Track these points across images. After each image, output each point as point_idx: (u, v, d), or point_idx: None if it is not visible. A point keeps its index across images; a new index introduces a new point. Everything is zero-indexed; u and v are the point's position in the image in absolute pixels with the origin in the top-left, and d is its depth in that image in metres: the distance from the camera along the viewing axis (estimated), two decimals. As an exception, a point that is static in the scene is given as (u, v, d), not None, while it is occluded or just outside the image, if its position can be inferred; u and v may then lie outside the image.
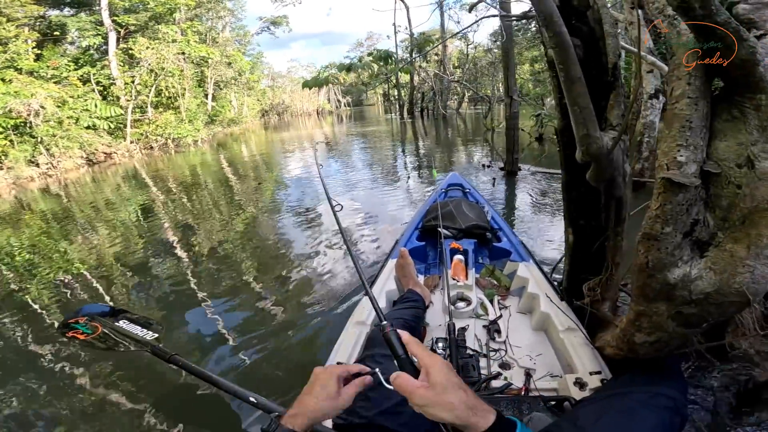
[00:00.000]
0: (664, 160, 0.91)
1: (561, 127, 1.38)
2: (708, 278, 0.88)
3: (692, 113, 0.87)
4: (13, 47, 12.75)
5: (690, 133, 0.87)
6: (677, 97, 0.88)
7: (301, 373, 2.11)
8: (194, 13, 20.81)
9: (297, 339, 2.43)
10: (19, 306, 3.24)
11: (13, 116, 10.71)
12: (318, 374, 0.77)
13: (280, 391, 1.95)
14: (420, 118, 20.49)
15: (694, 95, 0.86)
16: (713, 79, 0.93)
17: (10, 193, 9.26)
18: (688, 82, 0.87)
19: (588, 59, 1.17)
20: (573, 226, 1.70)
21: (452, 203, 2.72)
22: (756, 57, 0.81)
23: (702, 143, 0.89)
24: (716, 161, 0.90)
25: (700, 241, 0.93)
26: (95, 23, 15.61)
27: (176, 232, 4.93)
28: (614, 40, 1.15)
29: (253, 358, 2.26)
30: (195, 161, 12.35)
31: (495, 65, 14.52)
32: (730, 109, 0.89)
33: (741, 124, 0.86)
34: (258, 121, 31.99)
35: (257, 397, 1.29)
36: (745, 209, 0.85)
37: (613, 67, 1.16)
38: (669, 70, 0.93)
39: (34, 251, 4.69)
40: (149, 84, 15.59)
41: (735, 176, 0.87)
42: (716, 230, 0.92)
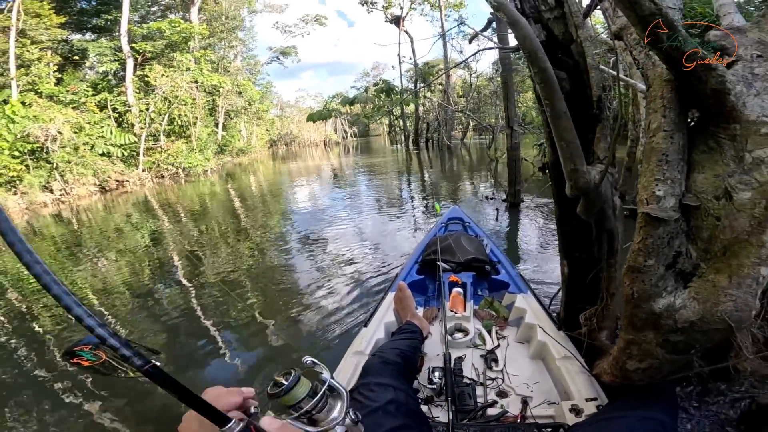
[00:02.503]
0: (643, 195, 0.94)
1: (552, 162, 1.42)
2: (692, 307, 0.89)
3: (668, 146, 0.90)
4: (35, 70, 13.34)
5: (667, 166, 0.90)
6: (654, 131, 0.92)
7: None
8: (208, 42, 21.81)
9: (295, 364, 2.42)
10: (25, 331, 3.31)
11: (31, 141, 11.05)
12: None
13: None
14: (425, 149, 20.84)
15: (669, 128, 0.90)
16: (689, 110, 0.97)
17: (23, 218, 9.45)
18: (663, 114, 0.91)
19: (574, 92, 1.23)
20: (568, 259, 1.72)
21: (452, 237, 2.79)
22: (726, 86, 0.84)
23: (680, 176, 0.91)
24: (695, 194, 0.92)
25: (683, 272, 0.95)
26: (114, 49, 16.39)
27: (183, 262, 4.99)
28: (597, 73, 1.20)
29: (251, 384, 2.24)
30: (204, 191, 12.58)
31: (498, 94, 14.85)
32: (706, 140, 0.92)
33: (717, 156, 0.89)
34: (266, 151, 32.71)
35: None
36: (725, 240, 0.87)
37: (597, 99, 1.20)
38: (646, 102, 0.98)
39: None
40: (163, 112, 16.13)
41: (714, 208, 0.89)
42: (699, 261, 0.94)
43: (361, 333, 1.89)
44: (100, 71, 16.54)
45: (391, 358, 1.60)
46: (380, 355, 1.58)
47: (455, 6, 20.15)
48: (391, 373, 1.32)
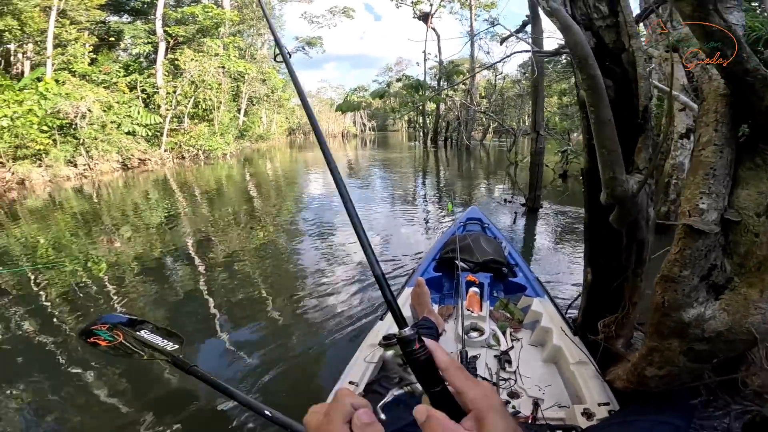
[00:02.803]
0: (686, 207, 0.95)
1: (587, 168, 1.42)
2: (721, 318, 0.91)
3: (717, 161, 0.90)
4: (71, 50, 13.70)
5: (713, 180, 0.91)
6: (704, 144, 0.92)
7: (313, 390, 2.16)
8: (237, 29, 22.01)
9: (310, 356, 2.49)
10: (40, 306, 3.34)
11: (61, 117, 11.37)
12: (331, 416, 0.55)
13: (293, 405, 1.99)
14: (443, 148, 20.74)
15: (720, 142, 0.90)
16: (740, 125, 0.97)
17: (45, 190, 9.73)
18: (715, 128, 0.91)
19: (619, 101, 1.23)
20: (592, 266, 1.73)
21: (471, 237, 2.80)
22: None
23: (724, 191, 0.92)
24: (737, 209, 0.93)
25: (716, 284, 0.96)
26: (148, 32, 16.75)
27: (198, 243, 5.09)
28: (646, 83, 1.20)
29: (267, 372, 2.30)
30: (222, 174, 12.78)
31: (522, 97, 14.66)
32: (753, 157, 0.93)
33: (763, 173, 0.90)
34: (285, 139, 32.96)
35: (273, 411, 1.32)
36: (761, 256, 0.88)
37: (644, 109, 1.20)
38: (698, 115, 0.98)
39: (59, 249, 4.90)
40: (189, 95, 16.42)
41: (754, 225, 0.90)
42: (732, 275, 0.95)
43: (376, 326, 1.92)
44: (133, 53, 16.90)
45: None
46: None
47: (486, 6, 19.90)
48: None
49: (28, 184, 10.16)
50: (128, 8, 17.99)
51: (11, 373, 2.45)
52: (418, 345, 0.48)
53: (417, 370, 0.48)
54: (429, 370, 0.47)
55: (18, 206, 7.96)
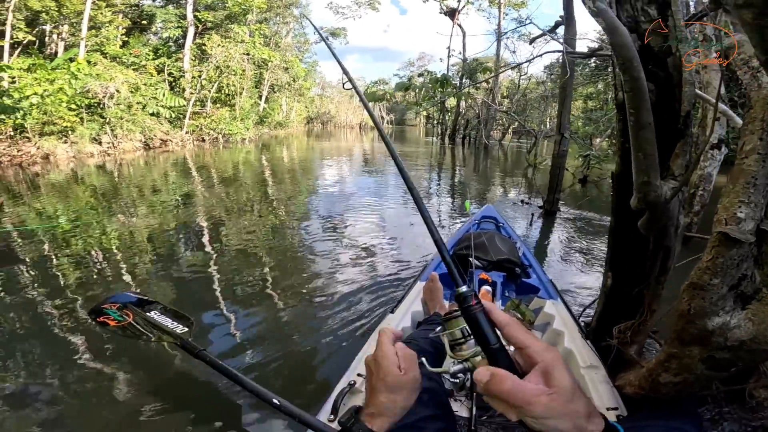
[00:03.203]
0: (723, 215, 0.94)
1: (618, 172, 1.41)
2: (746, 328, 0.91)
3: (759, 170, 0.89)
4: (105, 32, 14.03)
5: (753, 190, 0.90)
6: (747, 152, 0.91)
7: (320, 381, 2.19)
8: (264, 17, 22.13)
9: (318, 346, 2.50)
10: (51, 282, 3.35)
11: (90, 96, 11.68)
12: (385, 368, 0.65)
13: (300, 394, 2.03)
14: (461, 146, 20.58)
15: (764, 151, 0.89)
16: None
17: (68, 165, 10.01)
18: (760, 137, 0.90)
19: (660, 105, 1.21)
20: (613, 270, 1.72)
21: (485, 235, 2.79)
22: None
23: (763, 201, 0.91)
24: (775, 220, 0.92)
25: (743, 294, 0.96)
26: (179, 17, 17.05)
27: (211, 225, 5.17)
28: (691, 89, 1.18)
29: (274, 360, 2.33)
30: (239, 158, 12.94)
31: (546, 99, 14.42)
32: (796, 171, 0.91)
33: (805, 186, 0.88)
34: (303, 127, 33.16)
35: (280, 399, 1.34)
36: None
37: (685, 115, 1.19)
38: (743, 123, 0.97)
39: (76, 224, 5.02)
40: (213, 80, 16.66)
41: (789, 236, 0.89)
42: (761, 286, 0.95)
43: (386, 319, 1.92)
44: (163, 37, 17.19)
45: (425, 346, 1.65)
46: (414, 343, 1.64)
47: (516, 5, 19.54)
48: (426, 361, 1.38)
49: (53, 159, 10.46)
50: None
51: (14, 343, 2.49)
52: (475, 301, 0.51)
53: (474, 327, 0.50)
54: (486, 326, 0.50)
55: (40, 179, 8.22)
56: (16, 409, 1.94)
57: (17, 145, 10.04)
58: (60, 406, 1.98)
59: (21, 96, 9.83)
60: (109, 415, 1.92)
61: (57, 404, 1.99)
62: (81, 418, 1.92)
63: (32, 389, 2.07)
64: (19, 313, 2.86)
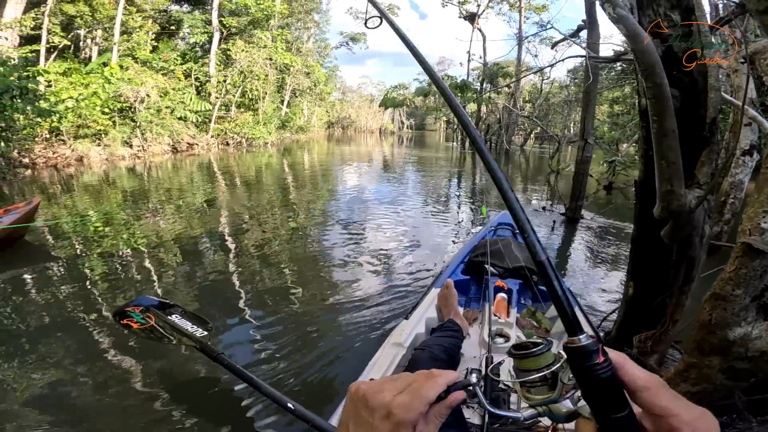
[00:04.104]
0: (747, 225, 0.91)
1: (642, 179, 1.37)
2: (767, 338, 0.87)
3: (788, 181, 0.86)
4: (136, 37, 14.64)
5: (783, 200, 0.86)
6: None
7: (333, 385, 2.20)
8: (285, 22, 22.63)
9: (332, 351, 2.51)
10: (80, 281, 3.49)
11: (122, 100, 12.17)
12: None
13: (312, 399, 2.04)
14: (481, 150, 20.31)
15: (792, 161, 0.86)
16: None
17: (101, 168, 10.42)
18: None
19: (684, 111, 1.17)
20: (635, 280, 1.69)
21: (501, 242, 2.76)
22: None
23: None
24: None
25: (766, 305, 0.93)
26: (205, 22, 17.63)
27: (233, 228, 5.29)
28: (717, 94, 1.14)
29: (288, 364, 2.35)
30: (262, 162, 13.20)
31: (570, 104, 14.12)
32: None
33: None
34: (323, 132, 33.53)
35: (295, 404, 1.35)
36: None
37: (711, 122, 1.15)
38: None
39: (106, 224, 5.23)
40: (237, 84, 17.12)
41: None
42: (785, 297, 0.90)
43: (400, 325, 1.92)
44: (190, 42, 17.82)
45: (438, 354, 1.64)
46: (428, 350, 1.63)
47: (537, 9, 19.29)
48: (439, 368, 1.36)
49: (86, 161, 10.93)
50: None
51: (40, 338, 2.60)
52: (603, 358, 0.37)
53: (592, 391, 0.37)
54: (612, 390, 0.37)
55: (75, 181, 8.61)
56: (40, 402, 2.03)
57: (53, 148, 10.54)
58: (78, 400, 2.05)
59: (57, 99, 10.28)
60: (127, 413, 1.98)
61: (76, 399, 2.06)
62: (99, 415, 1.98)
63: (55, 385, 2.16)
64: (49, 310, 2.99)
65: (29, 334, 2.68)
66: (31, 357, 2.40)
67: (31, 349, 2.50)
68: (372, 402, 0.38)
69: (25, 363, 2.34)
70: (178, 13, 17.82)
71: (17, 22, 11.25)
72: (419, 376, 0.41)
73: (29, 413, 1.95)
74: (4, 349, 2.48)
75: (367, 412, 0.38)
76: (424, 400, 0.38)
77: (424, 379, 0.40)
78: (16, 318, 2.87)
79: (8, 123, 7.96)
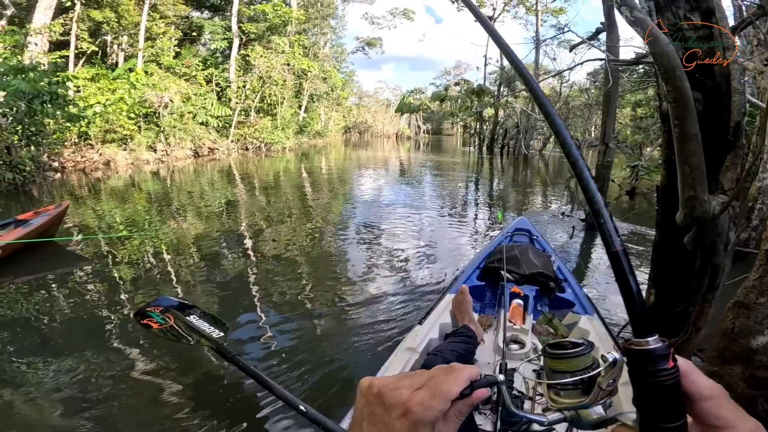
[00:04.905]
0: (774, 232, 0.87)
1: (664, 185, 1.34)
2: None
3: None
4: (160, 43, 15.14)
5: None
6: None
7: (345, 388, 2.21)
8: (302, 28, 23.01)
9: (345, 354, 2.54)
10: (104, 281, 3.61)
11: (146, 106, 12.58)
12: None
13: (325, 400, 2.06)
14: (499, 156, 20.17)
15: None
16: None
17: (127, 172, 10.79)
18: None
19: (707, 115, 1.14)
20: (657, 287, 1.64)
21: (518, 248, 2.74)
22: None
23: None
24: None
25: None
26: (225, 28, 18.11)
27: (251, 232, 5.39)
28: (741, 97, 1.11)
29: (301, 367, 2.38)
30: (280, 167, 13.41)
31: (590, 107, 13.86)
32: None
33: None
34: (340, 137, 33.84)
35: (307, 407, 1.37)
36: None
37: (735, 126, 1.11)
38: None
39: (130, 225, 5.41)
40: (256, 90, 17.47)
41: None
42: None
43: (414, 330, 1.92)
44: (211, 48, 18.33)
45: (451, 359, 1.62)
46: (441, 355, 1.62)
47: (555, 12, 19.05)
48: None
49: (113, 165, 11.33)
50: (208, 4, 19.54)
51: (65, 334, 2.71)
52: (673, 363, 0.35)
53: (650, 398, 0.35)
54: (672, 398, 0.34)
55: (102, 184, 8.93)
56: (61, 396, 2.12)
57: (81, 152, 10.97)
58: (97, 395, 2.13)
59: (86, 105, 10.69)
60: (142, 409, 2.05)
61: (94, 394, 2.14)
62: (116, 409, 2.05)
63: (75, 380, 2.24)
64: (74, 308, 3.12)
65: (55, 329, 2.80)
66: (56, 352, 2.50)
67: (56, 344, 2.61)
68: (388, 399, 0.35)
69: (51, 357, 2.43)
70: (199, 20, 18.37)
71: (46, 27, 11.62)
72: (439, 371, 0.37)
73: (52, 405, 2.04)
74: (30, 345, 2.59)
75: (383, 409, 0.35)
76: (446, 396, 0.35)
77: (445, 373, 0.37)
78: (43, 315, 2.99)
79: (39, 128, 8.31)
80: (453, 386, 0.35)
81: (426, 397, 0.34)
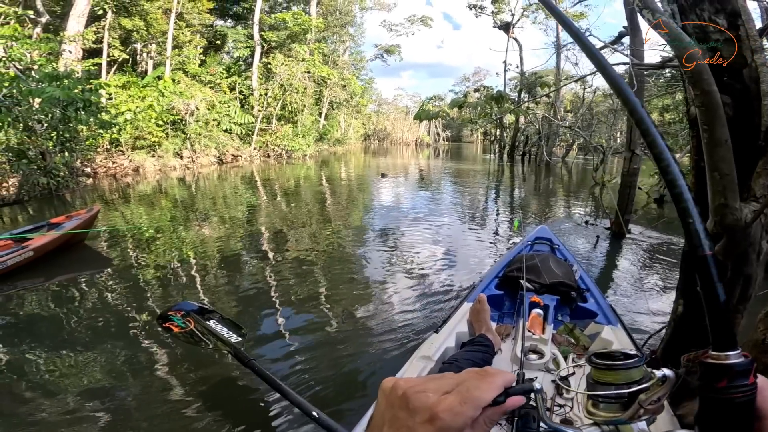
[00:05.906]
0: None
1: (692, 192, 1.29)
2: None
3: None
4: (186, 51, 15.71)
5: None
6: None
7: (359, 396, 2.20)
8: (322, 36, 23.45)
9: (361, 361, 2.53)
10: (129, 284, 3.72)
11: (174, 113, 13.03)
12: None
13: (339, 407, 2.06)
14: (521, 163, 19.86)
15: None
16: None
17: (155, 178, 11.18)
18: None
19: (737, 120, 1.09)
20: (685, 298, 1.58)
21: (538, 257, 2.69)
22: None
23: None
24: None
25: None
26: (247, 36, 18.65)
27: (271, 237, 5.48)
28: (772, 101, 1.06)
29: (316, 373, 2.39)
30: (301, 174, 13.61)
31: (615, 113, 13.51)
32: None
33: None
34: (360, 144, 34.10)
35: (320, 413, 1.37)
36: None
37: (766, 130, 1.06)
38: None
39: (157, 231, 5.58)
40: (278, 97, 17.87)
41: None
42: None
43: (430, 338, 1.90)
44: (234, 56, 18.89)
45: (467, 368, 1.59)
46: (457, 364, 1.59)
47: (576, 16, 18.75)
48: None
49: (142, 171, 11.76)
50: (231, 13, 20.22)
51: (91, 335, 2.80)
52: (753, 379, 0.33)
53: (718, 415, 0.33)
54: (743, 415, 0.32)
55: (131, 190, 9.27)
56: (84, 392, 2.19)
57: (112, 158, 11.43)
58: (117, 394, 2.20)
59: (117, 112, 11.11)
60: (157, 406, 2.10)
61: (115, 393, 2.21)
62: (131, 404, 2.12)
63: (98, 380, 2.32)
64: (100, 310, 3.24)
65: (81, 327, 2.92)
66: (81, 347, 2.61)
67: (81, 340, 2.72)
68: (413, 402, 0.33)
69: (74, 353, 2.54)
70: (223, 28, 18.99)
71: (80, 35, 12.10)
72: (470, 375, 0.35)
73: (76, 401, 2.12)
74: (58, 340, 2.71)
75: (407, 413, 0.32)
76: (478, 402, 0.32)
77: (478, 378, 0.34)
78: (71, 316, 3.12)
79: (72, 134, 8.65)
80: (486, 392, 0.33)
81: (455, 403, 0.32)
